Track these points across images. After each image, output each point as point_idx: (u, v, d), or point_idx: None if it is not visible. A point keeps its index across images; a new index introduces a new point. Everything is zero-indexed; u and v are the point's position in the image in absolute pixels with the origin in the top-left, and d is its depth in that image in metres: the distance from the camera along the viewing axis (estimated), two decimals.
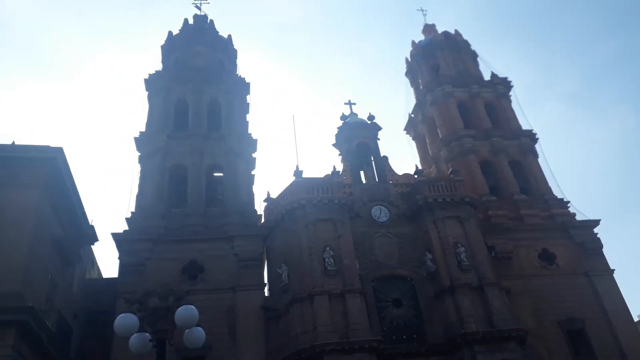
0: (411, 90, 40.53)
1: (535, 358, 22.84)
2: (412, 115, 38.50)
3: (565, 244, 27.52)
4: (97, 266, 27.48)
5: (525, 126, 33.65)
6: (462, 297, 22.18)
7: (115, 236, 23.88)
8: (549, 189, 30.36)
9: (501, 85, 35.66)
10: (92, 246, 24.87)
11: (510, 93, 35.96)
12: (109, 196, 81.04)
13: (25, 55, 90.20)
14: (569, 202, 29.61)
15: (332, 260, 22.41)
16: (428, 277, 23.69)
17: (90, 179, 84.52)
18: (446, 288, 22.62)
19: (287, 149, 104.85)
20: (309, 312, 21.04)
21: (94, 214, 77.91)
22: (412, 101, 39.16)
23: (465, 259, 23.45)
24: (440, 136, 34.03)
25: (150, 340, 8.67)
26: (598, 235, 28.12)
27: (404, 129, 39.55)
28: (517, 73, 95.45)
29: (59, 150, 17.34)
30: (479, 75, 37.21)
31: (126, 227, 24.97)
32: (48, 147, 17.20)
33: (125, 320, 8.65)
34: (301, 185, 24.81)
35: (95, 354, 21.43)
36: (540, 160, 32.21)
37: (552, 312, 24.81)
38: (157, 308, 8.71)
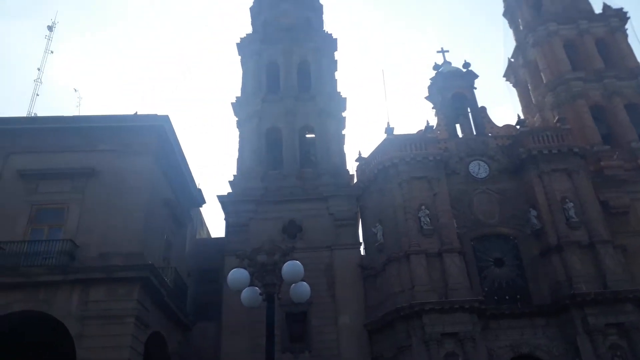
0: (510, 32, 37.43)
1: None
2: (512, 60, 35.76)
3: None
4: (206, 227, 29.39)
5: None
6: (570, 256, 20.86)
7: (221, 198, 25.24)
8: None
9: (615, 18, 31.68)
10: (200, 208, 26.52)
11: (627, 26, 32.00)
12: (215, 160, 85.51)
13: (119, 27, 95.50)
14: None
15: (428, 219, 21.99)
16: (532, 235, 22.50)
17: (196, 145, 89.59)
18: (553, 246, 21.37)
19: (378, 105, 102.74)
20: (406, 272, 21.03)
21: (200, 178, 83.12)
22: (512, 44, 36.25)
23: (574, 215, 21.90)
24: (544, 81, 31.37)
25: (260, 294, 9.12)
26: None
27: (504, 76, 36.99)
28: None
29: (166, 118, 18.44)
30: (589, 9, 33.33)
31: (230, 190, 26.38)
32: (156, 115, 18.34)
33: (237, 274, 9.12)
34: (393, 142, 24.31)
35: (209, 309, 23.27)
36: None
37: None
38: (266, 264, 9.12)
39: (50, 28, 39.20)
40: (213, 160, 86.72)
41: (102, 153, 17.85)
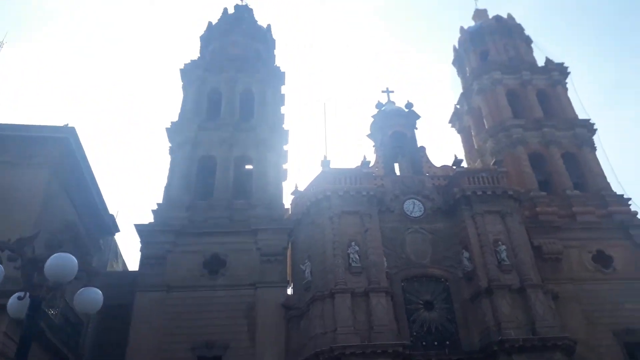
0: (458, 80, 38.17)
1: None
2: (458, 107, 36.13)
3: (625, 245, 24.48)
4: (122, 258, 27.27)
5: (582, 115, 30.66)
6: (500, 300, 19.98)
7: (138, 227, 23.40)
8: (608, 185, 27.29)
9: (556, 72, 32.64)
10: (115, 237, 24.55)
11: (567, 80, 32.92)
12: (145, 189, 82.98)
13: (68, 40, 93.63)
14: (630, 199, 26.48)
15: (357, 257, 20.84)
16: (464, 278, 21.64)
17: (126, 172, 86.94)
18: (483, 289, 20.48)
19: (320, 140, 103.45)
20: (329, 312, 19.59)
21: (125, 207, 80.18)
22: (459, 92, 36.82)
23: (506, 258, 21.21)
24: (486, 127, 31.61)
25: (20, 298, 7.34)
26: None
27: (449, 122, 37.23)
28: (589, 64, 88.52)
29: (71, 130, 16.89)
30: (532, 62, 34.35)
31: (153, 220, 24.57)
32: (60, 127, 16.77)
33: None
34: (328, 175, 23.40)
35: (112, 348, 20.95)
36: (599, 153, 29.15)
37: (607, 321, 21.98)
38: (36, 259, 7.42)
39: None
40: (144, 189, 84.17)
41: None
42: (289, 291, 23.15)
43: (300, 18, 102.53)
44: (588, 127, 29.49)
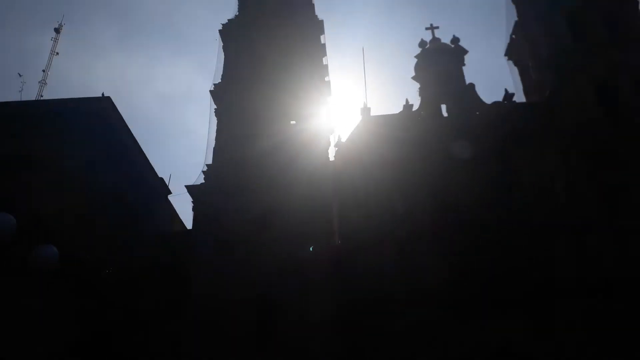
0: (512, 8, 35.05)
1: None
2: (514, 37, 33.40)
3: None
4: (179, 219, 28.32)
5: None
6: (559, 242, 18.82)
7: (189, 188, 24.08)
8: None
9: None
10: (170, 200, 25.47)
11: None
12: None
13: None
14: None
15: (401, 204, 20.28)
16: (518, 221, 20.43)
17: (178, 136, 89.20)
18: (541, 231, 19.32)
19: (361, 88, 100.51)
20: (376, 259, 19.49)
21: (181, 170, 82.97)
22: (514, 21, 33.94)
23: (564, 197, 19.80)
24: (544, 56, 29.06)
25: None
26: None
27: (505, 54, 34.61)
28: None
29: (107, 100, 17.31)
30: None
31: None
32: (96, 97, 17.24)
33: None
34: (369, 123, 22.73)
35: (175, 303, 22.04)
36: None
37: None
38: None
39: (56, 30, 39.14)
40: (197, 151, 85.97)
41: (42, 139, 16.82)
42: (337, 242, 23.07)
43: None
44: None
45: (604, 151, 22.90)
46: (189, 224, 30.56)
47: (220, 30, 31.73)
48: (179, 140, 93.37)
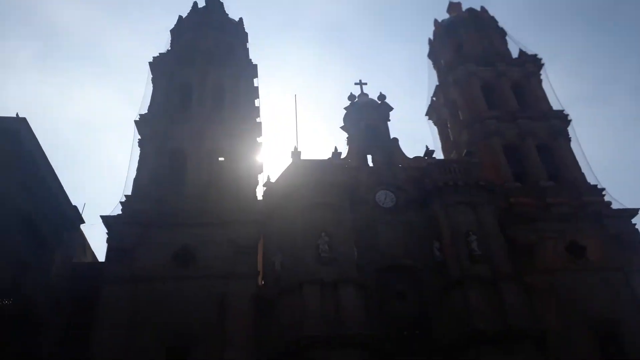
0: (434, 73, 37.98)
1: None
2: (434, 99, 36.05)
3: (598, 235, 24.34)
4: (91, 250, 26.55)
5: (556, 106, 30.66)
6: (471, 291, 19.78)
7: (105, 219, 22.83)
8: (582, 176, 27.24)
9: (531, 63, 32.69)
10: (82, 230, 23.89)
11: (542, 71, 32.94)
12: (116, 182, 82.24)
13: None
14: (604, 189, 26.41)
15: (327, 247, 20.45)
16: (435, 269, 21.41)
17: (96, 165, 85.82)
18: (454, 280, 20.30)
19: (292, 132, 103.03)
20: (298, 303, 19.23)
21: (96, 200, 78.92)
22: (435, 84, 36.66)
23: (477, 249, 21.00)
24: (461, 119, 31.52)
25: None
26: (637, 227, 24.87)
27: (426, 114, 37.14)
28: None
29: (22, 121, 16.25)
30: (507, 54, 34.39)
31: (120, 212, 23.96)
32: (9, 117, 16.12)
33: None
34: (299, 167, 23.04)
35: (78, 341, 20.30)
36: (574, 144, 29.13)
37: (580, 311, 21.72)
38: None
39: None
40: (114, 181, 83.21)
41: None
42: (261, 283, 22.69)
43: (272, 9, 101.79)
44: (562, 118, 29.51)
45: (512, 209, 24.93)
46: (100, 257, 28.77)
47: (150, 63, 31.34)
48: (95, 168, 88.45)
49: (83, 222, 21.64)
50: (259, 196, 25.50)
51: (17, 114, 16.20)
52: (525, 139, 28.61)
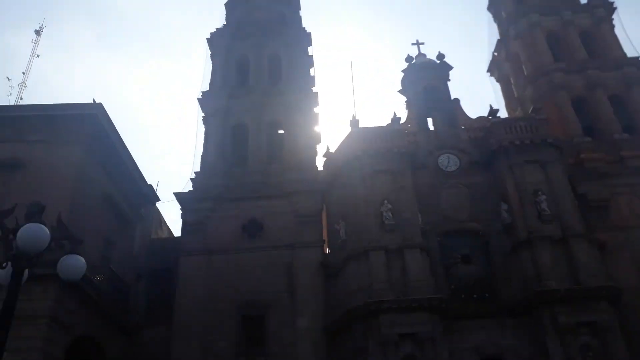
0: (494, 27, 36.26)
1: (636, 320, 19.51)
2: (496, 54, 34.51)
3: None
4: (167, 226, 28.16)
5: (631, 53, 28.63)
6: (541, 252, 19.33)
7: (178, 196, 24.12)
8: None
9: (601, 9, 30.46)
10: (157, 206, 25.33)
11: (614, 16, 30.66)
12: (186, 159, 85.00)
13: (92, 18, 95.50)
14: None
15: (390, 214, 20.60)
16: (503, 231, 21.04)
17: (168, 144, 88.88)
18: (523, 241, 19.92)
19: (349, 100, 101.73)
20: (365, 269, 19.66)
21: (169, 177, 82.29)
22: (496, 38, 35.06)
23: (546, 209, 20.37)
24: (525, 73, 30.12)
25: (3, 267, 7.27)
26: None
27: (487, 70, 35.77)
28: None
29: (99, 107, 17.34)
30: (574, 0, 32.13)
31: (192, 188, 25.18)
32: (88, 104, 17.25)
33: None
34: (358, 135, 23.09)
35: (161, 312, 21.95)
36: None
37: None
38: (17, 229, 7.19)
39: (37, 32, 38.71)
40: (185, 159, 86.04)
41: (31, 144, 16.76)
42: (327, 251, 23.35)
43: None
44: (637, 66, 27.57)
45: (583, 165, 23.90)
46: (175, 231, 30.53)
47: (207, 39, 31.98)
48: (165, 147, 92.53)
49: (159, 199, 23.00)
50: (320, 167, 26.00)
51: (93, 100, 17.34)
52: (595, 91, 27.06)
